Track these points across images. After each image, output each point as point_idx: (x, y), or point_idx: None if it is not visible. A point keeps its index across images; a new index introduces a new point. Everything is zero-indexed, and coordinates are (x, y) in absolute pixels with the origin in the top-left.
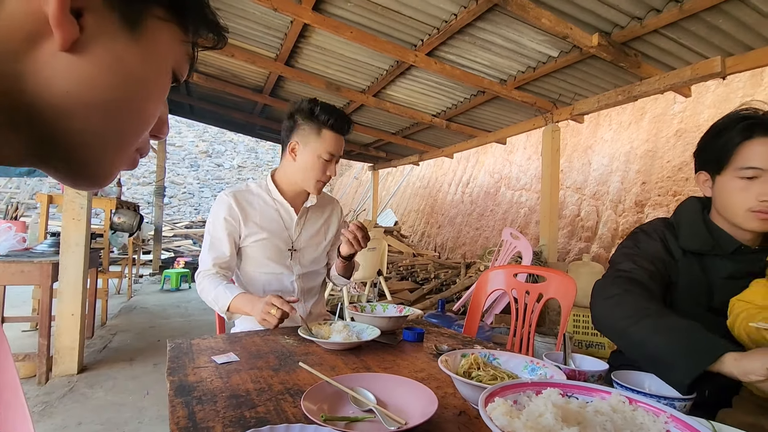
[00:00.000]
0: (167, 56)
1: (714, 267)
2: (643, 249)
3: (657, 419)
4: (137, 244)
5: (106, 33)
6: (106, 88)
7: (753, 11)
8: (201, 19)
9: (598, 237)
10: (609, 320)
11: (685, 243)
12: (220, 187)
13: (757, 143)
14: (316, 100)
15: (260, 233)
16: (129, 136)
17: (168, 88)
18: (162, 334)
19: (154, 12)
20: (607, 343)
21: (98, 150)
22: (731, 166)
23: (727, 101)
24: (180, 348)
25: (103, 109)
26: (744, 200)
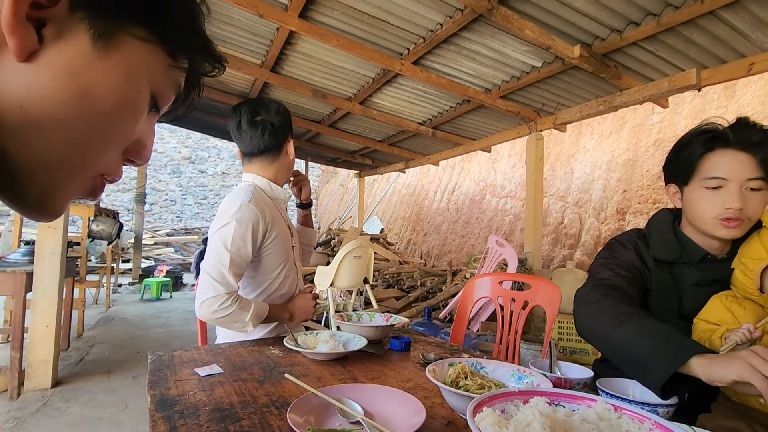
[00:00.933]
0: (143, 78)
1: (682, 275)
2: (620, 258)
3: (642, 426)
4: (116, 252)
5: (70, 46)
6: (65, 104)
7: (726, 26)
8: (192, 45)
9: (581, 244)
10: (591, 326)
11: (655, 252)
12: (203, 194)
13: (718, 155)
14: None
15: (276, 236)
16: (86, 158)
17: (143, 111)
18: (142, 346)
19: (132, 31)
20: (591, 349)
21: (54, 172)
22: (696, 177)
23: (702, 112)
24: (161, 360)
25: (59, 126)
26: (711, 209)
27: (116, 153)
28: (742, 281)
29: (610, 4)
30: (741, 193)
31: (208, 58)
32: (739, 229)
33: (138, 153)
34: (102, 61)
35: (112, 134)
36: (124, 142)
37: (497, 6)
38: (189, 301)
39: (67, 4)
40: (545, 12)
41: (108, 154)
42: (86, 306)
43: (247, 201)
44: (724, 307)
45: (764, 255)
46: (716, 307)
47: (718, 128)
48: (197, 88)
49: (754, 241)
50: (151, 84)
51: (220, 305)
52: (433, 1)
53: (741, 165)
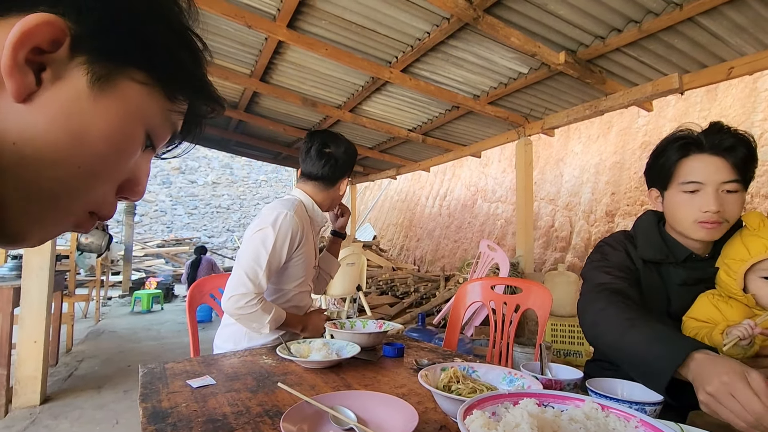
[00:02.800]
0: (140, 120)
1: (669, 275)
2: (612, 260)
3: (627, 424)
4: (106, 264)
5: (67, 88)
6: (58, 145)
7: (705, 32)
8: (191, 89)
9: (572, 247)
10: (600, 336)
11: (643, 252)
12: (193, 204)
13: (693, 160)
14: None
15: (304, 252)
16: (74, 196)
17: (137, 151)
18: (132, 359)
19: (131, 74)
20: (584, 351)
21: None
22: (674, 182)
23: (686, 115)
24: (153, 373)
25: (51, 166)
26: (689, 212)
27: (108, 191)
28: (726, 282)
29: (592, 12)
30: (717, 196)
31: (207, 102)
32: (718, 231)
33: (132, 190)
34: (98, 103)
35: (104, 174)
36: (116, 181)
37: (483, 15)
38: (180, 312)
39: (67, 50)
40: (530, 20)
41: (98, 193)
42: (75, 320)
43: (291, 211)
44: (711, 305)
45: (746, 256)
46: (704, 305)
47: (692, 134)
48: (198, 127)
49: (736, 242)
50: (147, 124)
51: (247, 302)
52: (420, 10)
53: (715, 169)
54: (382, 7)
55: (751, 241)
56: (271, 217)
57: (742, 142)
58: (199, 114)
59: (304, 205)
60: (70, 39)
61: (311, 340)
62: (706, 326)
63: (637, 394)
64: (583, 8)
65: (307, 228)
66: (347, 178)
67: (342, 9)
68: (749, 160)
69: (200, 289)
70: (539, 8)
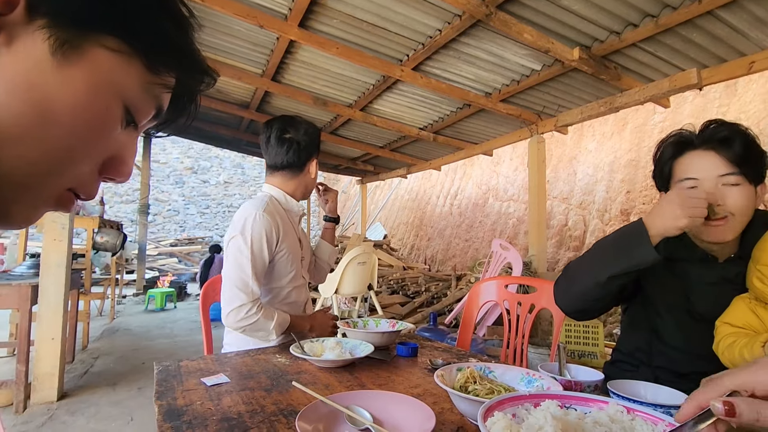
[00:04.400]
0: (115, 91)
1: (686, 273)
2: None
3: (656, 428)
4: (120, 263)
5: (26, 55)
6: (19, 118)
7: (725, 25)
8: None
9: (586, 246)
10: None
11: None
12: (205, 204)
13: (687, 157)
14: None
15: (286, 246)
16: (47, 173)
17: (114, 125)
18: (146, 357)
19: (101, 40)
20: (599, 352)
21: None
22: (672, 182)
23: (705, 111)
24: (168, 370)
25: (14, 141)
26: None
27: (86, 169)
28: (761, 289)
29: (607, 6)
30: (717, 190)
31: (194, 74)
32: (727, 229)
33: (117, 169)
34: (62, 73)
35: (78, 150)
36: (94, 159)
37: (495, 11)
38: (194, 311)
39: (23, 12)
40: (543, 16)
41: (74, 169)
42: (91, 318)
43: (261, 210)
44: (749, 311)
45: None
46: (741, 310)
47: (683, 132)
48: (192, 101)
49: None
50: (124, 97)
51: (246, 313)
52: (432, 7)
53: (710, 163)
54: (393, 5)
55: None
56: (240, 224)
57: (738, 133)
58: (190, 88)
59: (276, 199)
60: (25, 1)
61: (324, 339)
62: (744, 333)
63: (661, 396)
64: (598, 3)
65: (284, 222)
66: (315, 160)
67: (353, 8)
68: (748, 150)
69: (213, 288)
70: (553, 3)
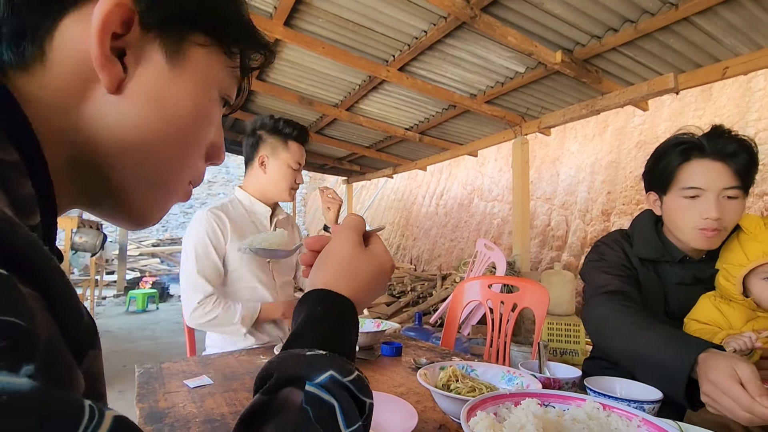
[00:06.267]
0: (213, 83)
1: (665, 274)
2: (609, 260)
3: (630, 423)
4: (100, 264)
5: (149, 69)
6: (155, 125)
7: (700, 32)
8: (243, 39)
9: (568, 246)
10: (606, 341)
11: (639, 251)
12: (189, 204)
13: (694, 164)
14: (276, 116)
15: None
16: (179, 171)
17: (218, 115)
18: (128, 359)
19: (195, 39)
20: (581, 350)
21: (149, 188)
22: (674, 187)
23: (681, 114)
24: (149, 373)
25: (153, 147)
26: (690, 219)
27: (200, 160)
28: (726, 286)
29: (589, 11)
30: (718, 203)
31: (258, 48)
32: (717, 239)
33: (216, 154)
34: (177, 79)
35: (196, 145)
36: (204, 148)
37: (480, 14)
38: (176, 312)
39: (138, 28)
40: (527, 19)
41: (194, 163)
42: None
43: (207, 210)
44: (714, 307)
45: (744, 261)
46: (706, 307)
47: (693, 138)
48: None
49: (734, 246)
50: (219, 87)
51: (203, 310)
52: (417, 8)
53: (717, 174)
54: (379, 6)
55: (749, 246)
56: (188, 226)
57: (745, 147)
58: (246, 67)
59: (239, 201)
60: (138, 16)
61: None
62: (708, 329)
63: (635, 392)
64: (580, 7)
65: (241, 223)
66: (263, 155)
67: (339, 7)
68: (751, 166)
69: None
70: (536, 7)
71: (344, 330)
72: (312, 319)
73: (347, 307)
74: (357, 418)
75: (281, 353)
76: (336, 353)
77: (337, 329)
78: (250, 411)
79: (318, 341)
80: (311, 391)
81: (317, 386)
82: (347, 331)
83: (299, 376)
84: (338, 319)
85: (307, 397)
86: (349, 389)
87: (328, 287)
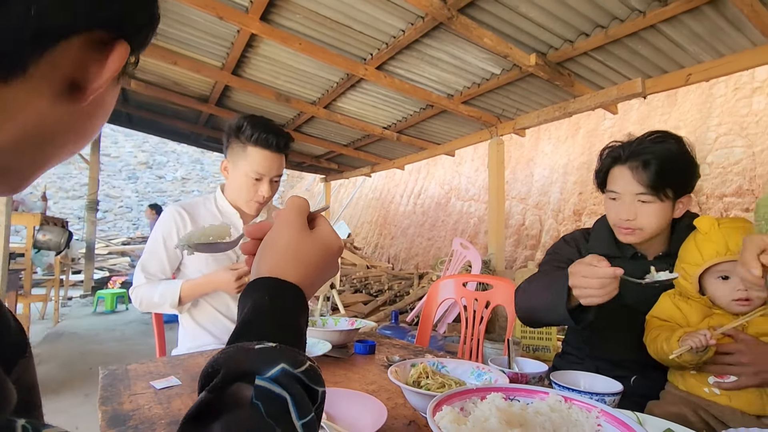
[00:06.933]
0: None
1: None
2: (560, 253)
3: (589, 414)
4: (66, 263)
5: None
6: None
7: (666, 39)
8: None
9: (541, 245)
10: (518, 305)
11: (592, 248)
12: (161, 201)
13: (615, 170)
14: (250, 116)
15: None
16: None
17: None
18: (94, 361)
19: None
20: (552, 346)
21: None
22: (606, 188)
23: (648, 118)
24: (114, 374)
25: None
26: (612, 217)
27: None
28: (683, 285)
29: (562, 16)
30: (631, 206)
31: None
32: (634, 237)
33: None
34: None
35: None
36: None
37: (457, 15)
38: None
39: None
40: (502, 21)
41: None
42: (31, 322)
43: (174, 204)
44: (672, 305)
45: (699, 260)
46: (665, 304)
47: (618, 146)
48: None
49: (691, 246)
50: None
51: (135, 297)
52: (395, 8)
53: (629, 181)
54: (357, 4)
55: (703, 246)
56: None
57: (657, 157)
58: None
59: (216, 201)
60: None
61: None
62: (668, 326)
63: (598, 386)
64: (553, 12)
65: (202, 224)
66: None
67: (317, 4)
68: (662, 174)
69: None
70: (511, 10)
71: (294, 319)
72: (259, 309)
73: (295, 295)
74: (310, 409)
75: (228, 347)
76: (287, 344)
77: (286, 319)
78: (196, 409)
79: (267, 333)
80: (262, 386)
81: (268, 380)
82: (297, 320)
83: (249, 370)
84: (287, 308)
85: (257, 391)
86: (301, 380)
87: (273, 275)
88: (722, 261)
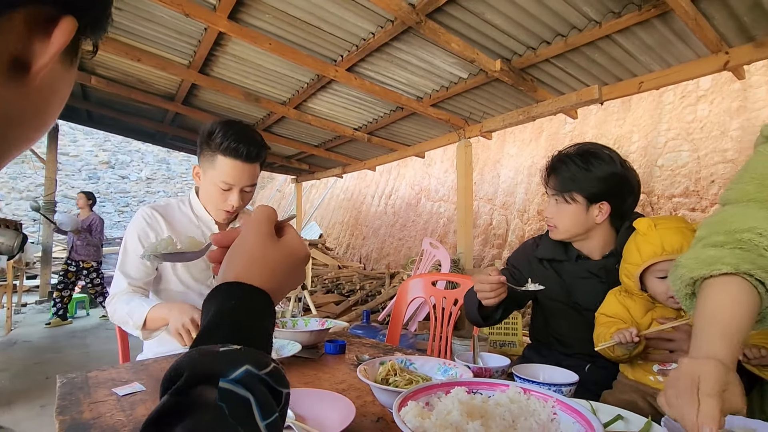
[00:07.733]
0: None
1: (564, 271)
2: (511, 262)
3: (546, 404)
4: (19, 267)
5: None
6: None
7: (620, 48)
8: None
9: (508, 244)
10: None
11: (540, 253)
12: (125, 202)
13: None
14: (224, 122)
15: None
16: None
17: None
18: (51, 371)
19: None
20: (517, 341)
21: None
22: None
23: (605, 123)
24: (73, 383)
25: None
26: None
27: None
28: (626, 283)
29: (525, 24)
30: (552, 206)
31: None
32: (554, 233)
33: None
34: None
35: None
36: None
37: (425, 19)
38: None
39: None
40: (469, 27)
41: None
42: None
43: (146, 206)
44: (618, 302)
45: (639, 260)
46: (612, 301)
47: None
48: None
49: (632, 246)
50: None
51: (112, 306)
52: (364, 10)
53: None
54: (327, 5)
55: (642, 247)
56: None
57: (563, 165)
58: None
59: (191, 204)
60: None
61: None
62: (613, 322)
63: (556, 377)
64: (517, 20)
65: (176, 227)
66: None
67: (286, 4)
68: (569, 181)
69: None
70: (477, 17)
71: (259, 322)
72: (224, 312)
73: (262, 299)
74: (274, 409)
75: (191, 350)
76: (252, 347)
77: (251, 321)
78: (158, 413)
79: (232, 336)
80: (225, 388)
81: (232, 382)
82: (263, 323)
83: (212, 372)
84: (253, 311)
85: (221, 393)
86: (266, 382)
87: (240, 280)
88: (659, 261)
